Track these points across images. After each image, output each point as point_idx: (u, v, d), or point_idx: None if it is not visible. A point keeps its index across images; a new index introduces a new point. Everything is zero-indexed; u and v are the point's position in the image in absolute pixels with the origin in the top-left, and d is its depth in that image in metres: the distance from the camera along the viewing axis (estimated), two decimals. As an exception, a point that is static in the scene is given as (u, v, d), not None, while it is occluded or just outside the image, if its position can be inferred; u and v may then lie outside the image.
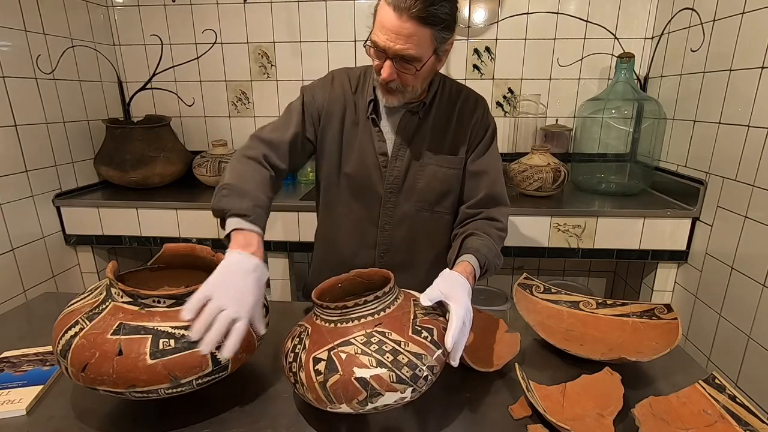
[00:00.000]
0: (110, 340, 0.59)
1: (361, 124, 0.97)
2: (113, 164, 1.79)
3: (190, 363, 0.61)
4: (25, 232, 1.61)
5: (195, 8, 1.97)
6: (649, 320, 0.86)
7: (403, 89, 0.88)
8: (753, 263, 1.29)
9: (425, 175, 0.98)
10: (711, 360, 1.47)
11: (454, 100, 0.99)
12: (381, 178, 0.98)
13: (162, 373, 0.59)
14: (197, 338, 0.61)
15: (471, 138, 0.98)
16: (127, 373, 0.58)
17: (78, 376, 0.60)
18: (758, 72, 1.27)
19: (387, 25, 0.79)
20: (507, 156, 1.93)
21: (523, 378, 0.70)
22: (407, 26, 0.78)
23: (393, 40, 0.79)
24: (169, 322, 0.62)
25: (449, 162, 0.98)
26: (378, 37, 0.81)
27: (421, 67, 0.84)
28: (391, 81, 0.85)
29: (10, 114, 1.52)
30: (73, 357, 0.60)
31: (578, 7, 1.86)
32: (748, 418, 0.62)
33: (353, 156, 0.98)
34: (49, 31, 1.67)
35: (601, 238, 1.60)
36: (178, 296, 0.64)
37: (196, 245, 0.78)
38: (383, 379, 0.57)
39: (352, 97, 0.98)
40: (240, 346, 0.64)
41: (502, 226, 0.96)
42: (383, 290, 0.65)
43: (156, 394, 0.62)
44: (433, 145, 0.97)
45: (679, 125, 1.65)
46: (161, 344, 0.60)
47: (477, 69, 1.96)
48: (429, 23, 0.79)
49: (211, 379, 0.65)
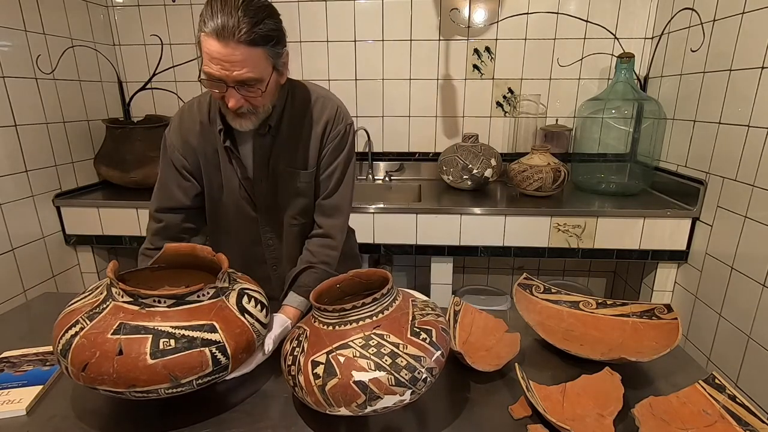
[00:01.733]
0: (110, 339, 0.59)
1: (221, 153, 0.95)
2: (113, 164, 1.79)
3: (190, 363, 0.61)
4: (25, 232, 1.61)
5: (195, 8, 1.97)
6: (649, 320, 0.86)
7: (254, 111, 0.86)
8: (753, 263, 1.29)
9: (288, 192, 0.98)
10: (711, 360, 1.47)
11: (303, 110, 0.96)
12: (251, 201, 0.99)
13: (162, 373, 0.59)
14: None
15: (323, 145, 0.96)
16: (128, 372, 0.58)
17: (78, 376, 0.60)
18: (758, 72, 1.27)
19: (216, 56, 0.76)
20: (507, 156, 1.93)
21: (523, 378, 0.70)
22: (238, 52, 0.75)
23: (228, 68, 0.77)
24: (169, 322, 0.62)
25: (304, 176, 0.97)
26: (211, 68, 0.78)
27: (265, 87, 0.82)
28: (239, 107, 0.83)
29: (10, 114, 1.52)
30: (73, 356, 0.60)
31: (578, 7, 1.86)
32: (748, 418, 0.62)
33: (222, 185, 0.98)
34: (49, 31, 1.67)
35: (601, 238, 1.60)
36: (178, 296, 0.64)
37: (197, 245, 0.78)
38: (382, 382, 0.57)
39: (208, 127, 0.95)
40: (241, 347, 0.65)
41: (335, 243, 1.00)
42: (381, 292, 0.64)
43: (156, 394, 0.61)
44: (289, 162, 0.96)
45: (679, 125, 1.65)
46: (161, 344, 0.60)
47: (477, 69, 1.96)
48: (257, 44, 0.76)
49: (211, 380, 0.65)
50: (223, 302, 0.68)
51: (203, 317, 0.64)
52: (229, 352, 0.65)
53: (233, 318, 0.67)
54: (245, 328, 0.68)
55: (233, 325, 0.67)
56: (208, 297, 0.67)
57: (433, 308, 0.69)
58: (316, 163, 0.97)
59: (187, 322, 0.63)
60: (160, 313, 0.62)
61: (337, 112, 0.96)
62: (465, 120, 2.04)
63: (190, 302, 0.65)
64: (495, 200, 1.73)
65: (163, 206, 0.98)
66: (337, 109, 0.96)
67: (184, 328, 0.62)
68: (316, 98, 0.96)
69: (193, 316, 0.64)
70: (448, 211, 1.61)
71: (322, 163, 0.97)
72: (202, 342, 0.62)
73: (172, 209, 0.98)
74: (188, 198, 0.98)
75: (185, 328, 0.62)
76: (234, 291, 0.71)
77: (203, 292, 0.66)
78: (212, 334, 0.63)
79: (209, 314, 0.65)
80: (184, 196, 0.97)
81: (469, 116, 2.03)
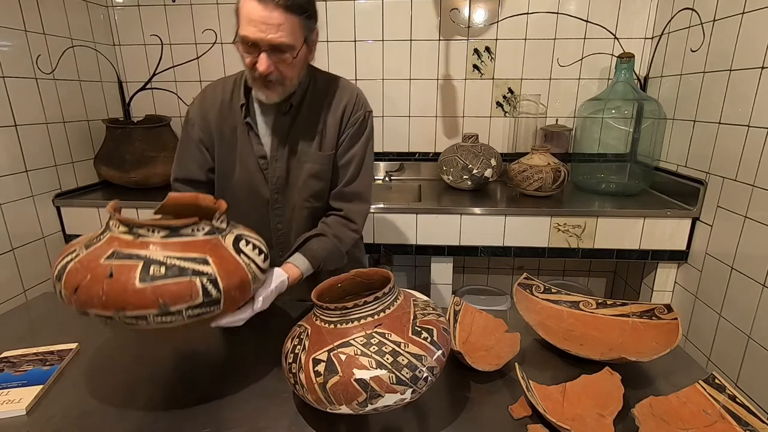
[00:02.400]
0: (102, 264, 0.60)
1: (239, 129, 0.98)
2: (113, 164, 1.79)
3: (179, 291, 0.61)
4: (25, 232, 1.61)
5: (195, 8, 1.97)
6: (649, 320, 0.86)
7: (282, 81, 0.89)
8: (753, 263, 1.29)
9: (303, 173, 0.99)
10: (711, 360, 1.47)
11: (324, 93, 0.99)
12: (264, 180, 1.00)
13: (150, 298, 0.59)
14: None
15: (341, 130, 0.99)
16: (117, 296, 0.59)
17: (71, 299, 0.61)
18: (758, 72, 1.27)
19: (255, 18, 0.80)
20: (507, 156, 1.93)
21: (523, 378, 0.70)
22: (275, 15, 0.80)
23: (264, 30, 0.81)
24: (162, 251, 0.62)
25: (321, 159, 0.99)
26: (247, 30, 0.82)
27: (296, 54, 0.86)
28: (269, 73, 0.86)
29: (10, 114, 1.52)
30: (66, 280, 0.61)
31: (578, 7, 1.86)
32: (748, 418, 0.62)
33: (236, 162, 1.00)
34: (49, 31, 1.67)
35: (601, 238, 1.60)
36: (172, 227, 0.65)
37: (200, 194, 0.79)
38: (383, 380, 0.57)
39: (228, 104, 0.99)
40: (234, 284, 0.66)
41: (355, 227, 1.01)
42: (383, 291, 0.65)
43: (145, 322, 0.61)
44: (306, 143, 0.98)
45: (679, 125, 1.65)
46: (152, 270, 0.60)
47: (477, 69, 1.96)
48: (294, 11, 0.81)
49: (203, 312, 0.64)
50: (218, 240, 0.69)
51: (196, 250, 0.65)
52: (221, 286, 0.64)
53: (228, 255, 0.67)
54: (239, 267, 0.68)
55: (227, 262, 0.67)
56: (202, 233, 0.68)
57: (433, 308, 0.69)
58: (334, 147, 0.99)
59: (179, 254, 0.63)
60: (153, 243, 0.63)
61: (357, 99, 1.00)
62: (465, 120, 2.04)
63: (184, 235, 0.66)
64: (495, 200, 1.73)
65: (179, 177, 1.02)
66: (357, 96, 1.00)
67: (176, 258, 0.62)
68: (336, 84, 1.00)
69: (186, 248, 0.64)
70: (448, 211, 1.62)
71: (340, 149, 1.00)
72: (194, 272, 0.62)
73: (187, 180, 1.01)
74: (203, 172, 1.02)
75: (177, 258, 0.62)
76: (231, 234, 0.72)
77: (198, 227, 0.67)
78: (204, 266, 0.64)
79: (203, 248, 0.66)
80: (198, 169, 1.01)
81: (469, 116, 2.03)
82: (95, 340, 0.90)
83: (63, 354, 0.83)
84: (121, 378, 0.79)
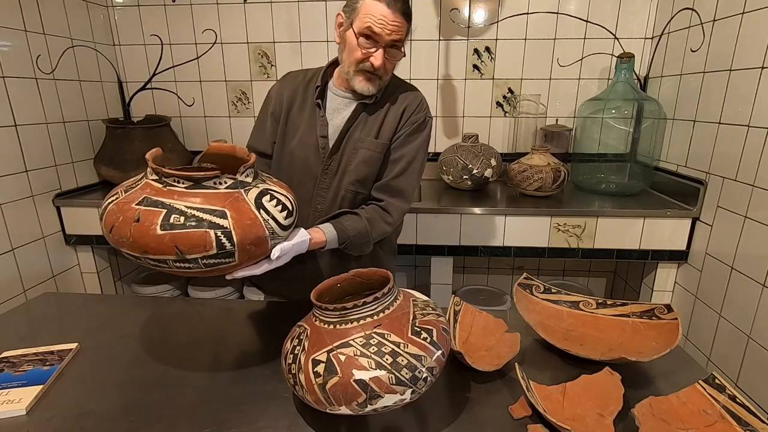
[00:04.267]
0: (133, 208, 0.66)
1: (308, 109, 1.06)
2: (113, 164, 1.79)
3: (194, 240, 0.65)
4: (25, 232, 1.61)
5: (195, 8, 1.97)
6: (649, 320, 0.86)
7: (382, 75, 0.99)
8: (753, 263, 1.29)
9: (356, 158, 1.03)
10: (711, 360, 1.47)
11: (393, 91, 1.07)
12: (318, 159, 1.04)
13: (168, 244, 0.64)
14: None
15: (400, 126, 1.05)
16: (140, 239, 0.64)
17: (108, 237, 0.68)
18: (758, 72, 1.27)
19: (382, 17, 0.92)
20: (507, 156, 1.93)
21: (523, 378, 0.70)
22: (399, 19, 0.93)
23: (390, 30, 0.93)
24: (184, 201, 0.67)
25: (374, 145, 1.04)
26: (375, 26, 0.92)
27: (403, 54, 0.98)
28: (379, 68, 0.96)
29: (10, 114, 1.52)
30: (105, 219, 0.68)
31: (578, 7, 1.86)
32: (748, 418, 0.62)
33: (297, 136, 1.05)
34: (49, 31, 1.67)
35: (601, 238, 1.60)
36: (194, 179, 0.69)
37: (237, 146, 0.82)
38: (382, 381, 0.57)
39: (304, 86, 1.08)
40: (249, 238, 0.69)
41: (390, 220, 1.04)
42: (382, 291, 0.64)
43: (166, 265, 0.66)
44: (366, 130, 1.04)
45: (679, 125, 1.65)
46: (172, 219, 0.65)
47: (477, 69, 1.96)
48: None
49: (219, 263, 0.68)
50: (240, 194, 0.71)
51: (216, 203, 0.68)
52: (235, 240, 0.67)
53: (246, 210, 0.70)
54: (257, 222, 0.70)
55: (245, 216, 0.69)
56: (224, 186, 0.71)
57: (433, 308, 0.69)
58: (389, 139, 1.04)
59: (200, 204, 0.67)
60: (178, 193, 0.68)
61: (420, 102, 1.07)
62: (465, 120, 2.04)
63: (206, 187, 0.69)
64: (495, 200, 1.73)
65: (251, 144, 1.11)
66: (421, 100, 1.08)
67: (196, 209, 0.66)
68: (405, 85, 1.09)
69: (207, 200, 0.68)
70: (448, 211, 1.62)
71: (393, 145, 1.05)
72: (210, 224, 0.66)
73: (255, 151, 1.03)
74: (269, 145, 1.09)
75: (197, 209, 0.66)
76: (256, 188, 0.74)
77: (220, 180, 0.70)
78: (221, 220, 0.67)
79: (223, 202, 0.69)
80: (265, 141, 1.09)
81: (469, 116, 2.03)
82: (95, 340, 0.90)
83: (63, 354, 0.83)
84: (121, 378, 0.79)
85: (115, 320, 1.00)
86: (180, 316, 1.04)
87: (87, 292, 1.86)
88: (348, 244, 0.99)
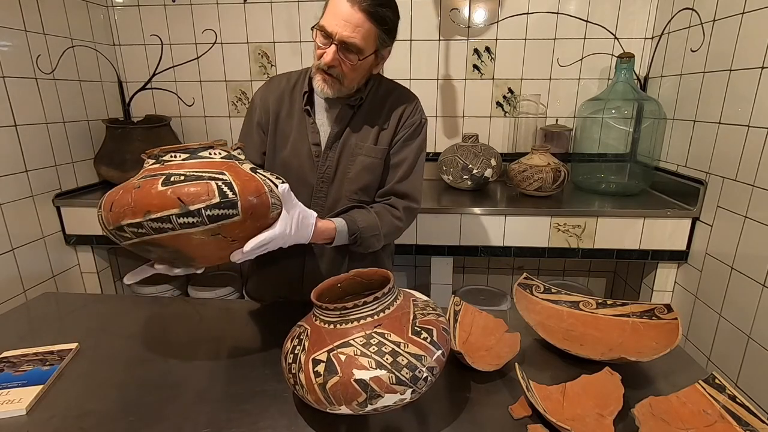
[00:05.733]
0: (133, 182, 0.68)
1: (296, 116, 1.03)
2: (113, 164, 1.79)
3: (196, 190, 0.65)
4: (25, 232, 1.61)
5: (195, 8, 1.97)
6: (649, 320, 0.86)
7: (341, 79, 0.93)
8: (753, 263, 1.29)
9: (355, 165, 1.02)
10: (711, 360, 1.47)
11: (387, 95, 1.04)
12: (313, 168, 1.02)
13: (171, 198, 0.64)
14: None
15: (397, 130, 1.03)
16: (142, 199, 0.65)
17: (108, 218, 0.67)
18: (758, 72, 1.27)
19: (338, 12, 0.86)
20: (507, 156, 1.93)
21: (523, 378, 0.70)
22: (357, 16, 0.86)
23: (341, 26, 0.86)
24: (183, 168, 0.68)
25: (374, 152, 1.02)
26: (327, 21, 0.88)
27: (363, 58, 0.91)
28: (332, 67, 0.91)
29: (10, 114, 1.52)
30: (105, 201, 0.69)
31: (578, 7, 1.86)
32: (748, 418, 0.62)
33: (287, 146, 1.03)
34: (49, 31, 1.67)
35: (601, 238, 1.60)
36: (191, 150, 0.71)
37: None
38: (383, 380, 0.57)
39: (289, 92, 1.04)
40: (250, 189, 0.69)
41: (399, 215, 1.03)
42: (383, 291, 0.64)
43: (170, 224, 0.65)
44: (362, 136, 1.02)
45: (679, 125, 1.65)
46: (173, 178, 0.66)
47: (477, 69, 1.96)
48: (375, 20, 0.87)
49: (223, 215, 0.67)
50: (235, 164, 0.73)
51: (214, 167, 0.70)
52: (236, 189, 0.68)
53: (243, 172, 0.72)
54: (254, 179, 0.72)
55: (243, 175, 0.71)
56: (219, 156, 0.73)
57: (433, 308, 0.69)
58: (388, 144, 1.03)
59: (198, 168, 0.69)
60: (176, 165, 0.70)
61: (416, 105, 1.05)
62: (465, 120, 2.04)
63: (203, 157, 0.72)
64: (495, 200, 1.73)
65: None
66: (416, 102, 1.06)
67: (195, 171, 0.68)
68: (399, 89, 1.07)
69: (204, 165, 0.70)
70: (448, 211, 1.62)
71: (393, 149, 1.03)
72: (210, 177, 0.67)
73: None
74: (258, 154, 1.06)
75: (196, 171, 0.68)
76: (248, 164, 0.76)
77: (215, 151, 0.73)
78: (220, 175, 0.68)
79: (220, 166, 0.71)
80: (253, 151, 1.06)
81: (469, 116, 2.03)
82: (95, 340, 0.90)
83: (63, 354, 0.83)
84: (121, 378, 0.79)
85: (115, 320, 1.00)
86: (180, 316, 1.04)
87: (87, 292, 1.86)
88: (358, 237, 0.97)
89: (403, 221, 1.04)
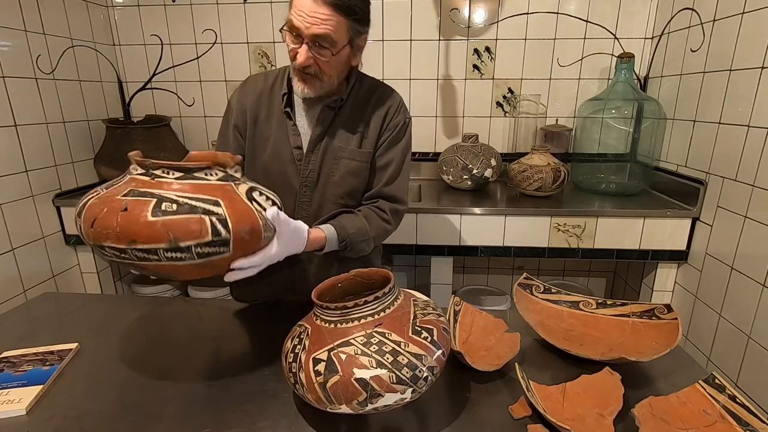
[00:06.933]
0: (119, 200, 0.63)
1: (276, 118, 0.99)
2: (113, 164, 1.79)
3: (188, 226, 0.62)
4: (25, 232, 1.61)
5: (195, 8, 1.97)
6: (649, 320, 0.86)
7: (320, 76, 0.90)
8: (753, 263, 1.29)
9: (339, 169, 0.99)
10: (711, 360, 1.47)
11: (369, 95, 1.01)
12: (296, 172, 0.99)
13: (161, 231, 0.60)
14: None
15: (381, 132, 1.00)
16: (129, 227, 0.60)
17: (88, 233, 0.63)
18: (758, 72, 1.27)
19: (303, 9, 0.82)
20: (507, 156, 1.93)
21: (523, 378, 0.70)
22: (323, 10, 0.82)
23: (309, 22, 0.82)
24: (175, 191, 0.64)
25: (359, 155, 0.99)
26: (295, 18, 0.83)
27: (337, 52, 0.87)
28: (307, 66, 0.87)
29: (10, 114, 1.52)
30: (86, 214, 0.64)
31: (578, 7, 1.86)
32: (748, 418, 0.62)
33: (267, 150, 0.99)
34: (49, 31, 1.67)
35: (601, 238, 1.60)
36: (185, 169, 0.67)
37: (219, 152, 0.79)
38: (383, 380, 0.57)
39: (267, 93, 1.00)
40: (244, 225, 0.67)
41: (387, 217, 1.01)
42: (383, 290, 0.64)
43: (156, 257, 0.62)
44: (345, 139, 0.99)
45: (679, 125, 1.65)
46: (164, 206, 0.62)
47: (477, 69, 1.96)
48: (343, 11, 0.83)
49: (213, 252, 0.65)
50: (231, 187, 0.70)
51: (209, 193, 0.66)
52: (230, 226, 0.65)
53: (239, 200, 0.69)
54: (251, 212, 0.69)
55: (238, 205, 0.68)
56: (216, 177, 0.69)
57: (434, 308, 0.69)
58: (373, 146, 1.00)
59: (192, 194, 0.64)
60: (168, 184, 0.65)
61: (399, 104, 1.02)
62: (465, 120, 2.04)
63: (198, 178, 0.67)
64: (495, 200, 1.73)
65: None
66: (400, 102, 1.03)
67: (188, 198, 0.64)
68: (382, 88, 1.03)
69: (198, 190, 0.66)
70: (448, 211, 1.62)
71: (378, 151, 1.01)
72: (204, 211, 0.64)
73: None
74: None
75: (189, 198, 0.64)
76: (245, 184, 0.73)
77: (211, 171, 0.69)
78: (215, 207, 0.65)
79: (215, 192, 0.67)
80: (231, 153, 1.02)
81: (469, 116, 2.03)
82: (95, 340, 0.90)
83: (63, 354, 0.83)
84: (121, 378, 0.79)
85: (115, 320, 1.00)
86: (180, 316, 1.04)
87: (87, 292, 1.86)
88: (348, 242, 0.95)
89: (391, 224, 1.03)
